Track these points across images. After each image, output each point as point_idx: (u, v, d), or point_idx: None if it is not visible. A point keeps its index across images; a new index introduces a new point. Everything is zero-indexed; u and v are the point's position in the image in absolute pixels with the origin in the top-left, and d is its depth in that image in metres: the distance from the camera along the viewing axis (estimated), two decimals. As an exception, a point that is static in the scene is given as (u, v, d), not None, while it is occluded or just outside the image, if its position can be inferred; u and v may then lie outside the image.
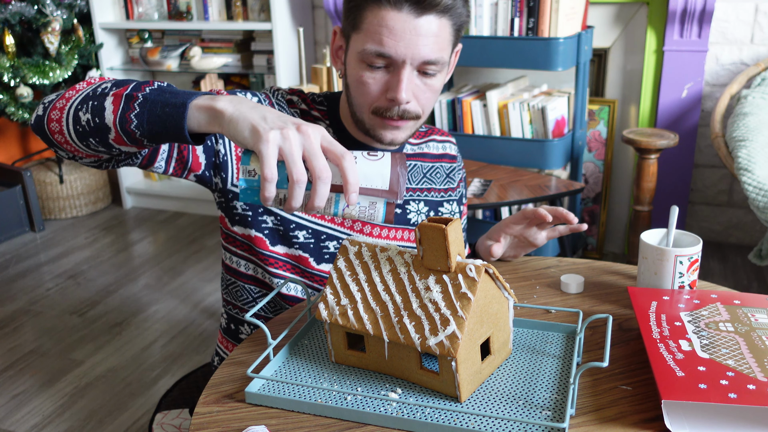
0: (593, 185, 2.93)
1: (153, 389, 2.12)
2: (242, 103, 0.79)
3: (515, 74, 2.88)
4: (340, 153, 0.76)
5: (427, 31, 1.00)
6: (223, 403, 0.83)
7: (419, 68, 1.03)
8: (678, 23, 2.61)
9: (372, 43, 1.00)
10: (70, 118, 0.87)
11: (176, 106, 0.81)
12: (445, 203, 1.26)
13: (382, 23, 0.99)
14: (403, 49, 0.99)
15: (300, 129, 0.75)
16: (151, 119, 0.82)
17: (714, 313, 0.91)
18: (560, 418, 0.76)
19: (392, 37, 0.99)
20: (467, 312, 0.77)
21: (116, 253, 3.13)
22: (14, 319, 2.56)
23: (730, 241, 2.93)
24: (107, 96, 0.85)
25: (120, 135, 0.84)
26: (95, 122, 0.85)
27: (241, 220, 1.13)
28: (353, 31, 1.04)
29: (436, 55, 1.02)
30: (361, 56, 1.02)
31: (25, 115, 3.16)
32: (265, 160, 0.73)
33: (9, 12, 3.06)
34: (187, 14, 3.35)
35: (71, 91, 0.91)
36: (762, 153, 2.19)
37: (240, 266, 1.18)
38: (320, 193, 0.75)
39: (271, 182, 0.74)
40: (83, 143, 0.88)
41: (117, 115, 0.83)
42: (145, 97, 0.82)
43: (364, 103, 1.06)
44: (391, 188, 0.78)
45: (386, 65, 1.02)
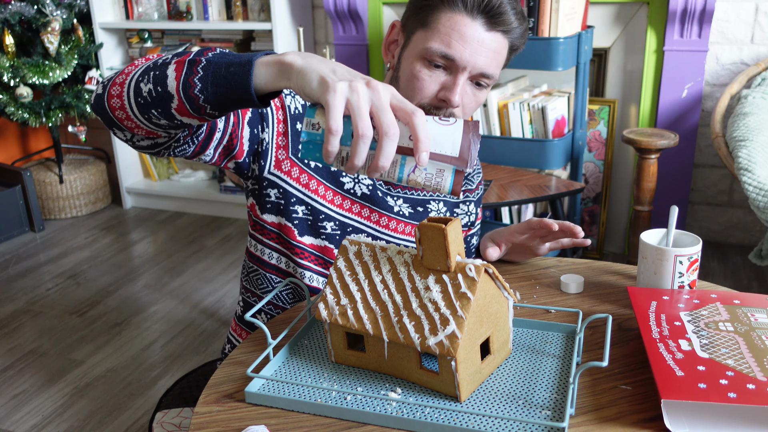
0: (593, 185, 2.93)
1: (153, 389, 2.12)
2: (311, 57, 0.77)
3: (515, 74, 2.88)
4: (411, 110, 0.72)
5: (490, 45, 1.05)
6: (223, 402, 0.83)
7: (473, 77, 1.07)
8: (678, 23, 2.61)
9: (441, 43, 1.04)
10: (131, 91, 0.85)
11: (241, 64, 0.78)
12: (462, 204, 1.27)
13: (455, 27, 1.03)
14: (468, 56, 1.04)
15: (370, 84, 0.72)
16: (215, 81, 0.79)
17: (714, 312, 0.91)
18: (560, 417, 0.76)
19: (461, 42, 1.03)
20: (467, 312, 0.77)
21: (116, 253, 3.13)
22: (14, 319, 2.56)
23: (730, 241, 2.93)
24: (169, 64, 0.83)
25: (183, 102, 0.82)
26: (158, 91, 0.83)
27: (273, 207, 1.13)
28: (421, 27, 1.07)
29: (492, 70, 1.07)
30: (424, 53, 1.06)
31: (24, 115, 3.16)
32: (332, 110, 0.70)
33: (9, 12, 3.06)
34: (187, 14, 3.35)
35: (131, 67, 0.89)
36: (762, 153, 2.19)
37: (264, 254, 1.18)
38: (386, 151, 0.71)
39: (335, 135, 0.70)
40: (144, 116, 0.86)
41: (180, 80, 0.81)
42: (208, 60, 0.80)
43: (414, 98, 1.08)
44: (461, 155, 0.73)
45: (445, 67, 1.06)
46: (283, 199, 1.12)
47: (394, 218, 1.18)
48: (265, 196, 1.13)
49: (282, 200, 1.12)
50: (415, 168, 0.74)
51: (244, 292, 1.26)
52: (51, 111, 3.24)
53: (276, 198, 1.12)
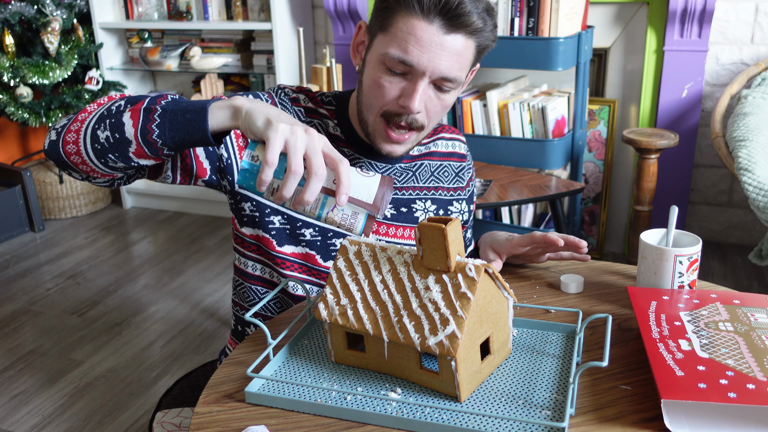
0: (593, 185, 2.93)
1: (153, 389, 2.12)
2: (257, 102, 0.87)
3: (515, 74, 2.88)
4: (339, 158, 0.82)
5: (451, 48, 1.01)
6: (223, 402, 0.83)
7: (436, 82, 1.04)
8: (678, 23, 2.61)
9: (397, 49, 1.01)
10: (88, 138, 0.92)
11: (197, 111, 0.87)
12: (455, 202, 1.26)
13: (411, 32, 0.99)
14: (426, 62, 1.00)
15: (308, 131, 0.82)
16: (173, 126, 0.88)
17: (713, 312, 0.91)
18: (560, 417, 0.76)
19: (418, 47, 1.00)
20: (467, 312, 0.77)
21: (116, 253, 3.13)
22: (14, 319, 2.56)
23: (730, 241, 2.93)
24: (124, 112, 0.90)
25: (141, 146, 0.89)
26: (115, 137, 0.90)
27: (249, 221, 1.14)
28: (380, 31, 1.04)
29: (455, 73, 1.03)
30: (382, 59, 1.03)
31: (24, 115, 3.16)
32: (270, 145, 0.80)
33: (9, 12, 3.06)
34: (187, 14, 3.35)
35: (83, 114, 0.95)
36: (762, 153, 2.19)
37: (248, 267, 1.19)
38: (312, 188, 0.81)
39: (271, 167, 0.80)
40: (101, 161, 0.93)
41: (138, 127, 0.88)
42: (164, 108, 0.88)
43: (375, 104, 1.06)
44: (374, 203, 0.85)
45: (405, 72, 1.03)
46: (258, 211, 1.13)
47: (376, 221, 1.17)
48: (241, 210, 1.14)
49: (256, 212, 1.13)
50: (335, 207, 0.85)
51: (234, 306, 1.26)
52: (51, 111, 3.24)
53: (250, 211, 1.13)
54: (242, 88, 3.48)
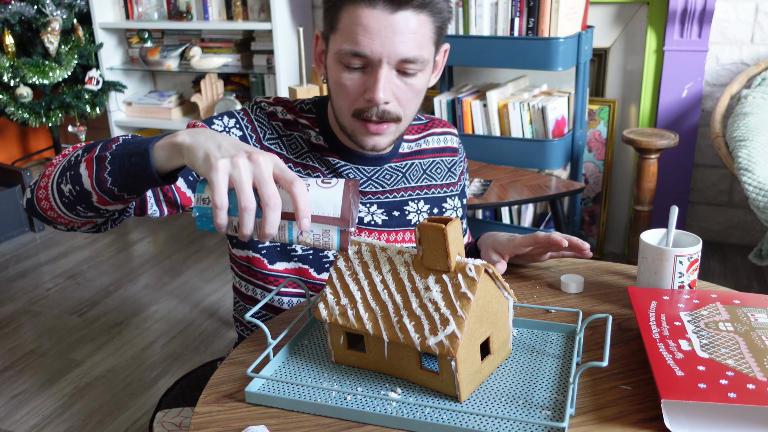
0: (593, 185, 2.93)
1: (153, 389, 2.12)
2: (200, 133, 0.81)
3: (515, 74, 2.88)
4: (290, 179, 0.76)
5: (403, 27, 0.96)
6: (223, 402, 0.83)
7: (398, 67, 0.99)
8: (678, 23, 2.61)
9: (347, 42, 0.98)
10: (55, 193, 0.91)
11: (140, 153, 0.83)
12: (448, 199, 1.23)
13: (357, 21, 0.96)
14: (379, 47, 0.96)
15: (251, 157, 0.76)
16: (122, 173, 0.84)
17: (714, 312, 0.91)
18: (560, 417, 0.76)
19: (367, 35, 0.96)
20: (467, 312, 0.77)
21: (116, 253, 3.13)
22: (14, 319, 2.56)
23: (730, 241, 2.93)
24: (80, 163, 0.88)
25: (101, 196, 0.87)
26: (77, 190, 0.88)
27: (238, 242, 1.13)
28: (331, 32, 1.02)
29: (414, 52, 0.98)
30: (338, 57, 1.00)
31: (24, 115, 3.16)
32: (215, 187, 0.75)
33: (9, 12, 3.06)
34: (187, 14, 3.35)
35: (50, 168, 0.94)
36: (762, 153, 2.19)
37: (241, 287, 1.18)
38: (270, 220, 0.75)
39: (221, 209, 0.75)
40: (73, 213, 0.91)
41: (93, 177, 0.86)
42: (112, 155, 0.85)
43: (344, 105, 1.04)
44: (342, 216, 0.78)
45: (364, 65, 1.00)
46: None
47: (365, 229, 1.14)
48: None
49: None
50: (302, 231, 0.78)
51: (235, 322, 1.27)
52: (51, 111, 3.24)
53: None
54: (242, 88, 3.48)
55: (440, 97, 2.65)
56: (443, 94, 2.72)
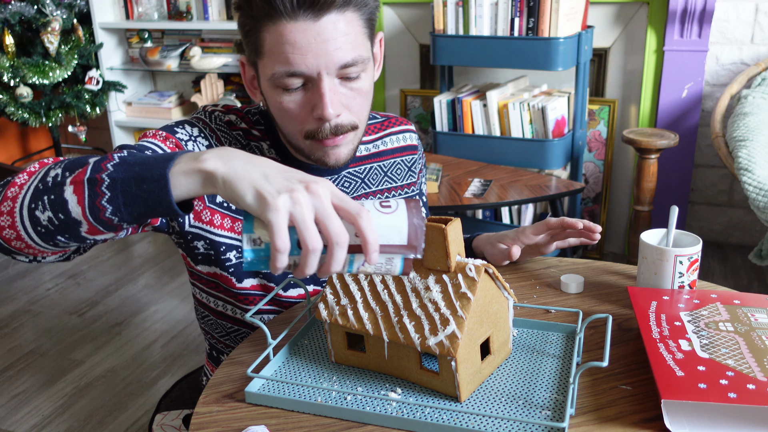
0: (593, 185, 2.93)
1: (153, 389, 2.12)
2: (232, 158, 0.70)
3: (515, 74, 2.88)
4: (356, 211, 0.66)
5: (333, 32, 0.90)
6: (223, 402, 0.83)
7: (339, 75, 0.93)
8: (678, 23, 2.61)
9: (279, 64, 0.91)
10: (26, 221, 0.75)
11: (154, 180, 0.70)
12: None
13: (282, 40, 0.89)
14: (314, 60, 0.90)
15: (309, 188, 0.66)
16: (128, 201, 0.71)
17: (714, 312, 0.91)
18: (560, 417, 0.76)
19: (297, 51, 0.89)
20: (467, 312, 0.77)
21: (116, 253, 3.13)
22: (14, 319, 2.56)
23: (730, 241, 2.93)
24: (64, 185, 0.73)
25: (94, 226, 0.74)
26: (59, 218, 0.73)
27: (204, 258, 1.05)
28: (257, 58, 0.95)
29: (352, 55, 0.92)
30: (273, 82, 0.93)
31: (24, 115, 3.16)
32: (276, 230, 0.64)
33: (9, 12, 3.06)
34: (187, 14, 3.35)
35: (13, 188, 0.78)
36: (762, 153, 2.19)
37: (210, 302, 1.11)
38: (337, 258, 0.66)
39: (283, 253, 0.65)
40: (50, 243, 0.77)
41: (85, 205, 0.72)
42: (112, 178, 0.71)
43: (294, 129, 0.97)
44: (409, 243, 0.69)
45: (303, 83, 0.93)
46: (212, 249, 1.03)
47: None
48: (194, 248, 1.04)
49: (211, 250, 1.04)
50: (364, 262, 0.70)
51: (205, 334, 1.19)
52: (51, 111, 3.24)
53: (205, 249, 1.04)
54: (242, 88, 3.48)
55: (440, 97, 2.65)
56: (443, 94, 2.72)
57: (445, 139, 2.64)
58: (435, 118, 2.67)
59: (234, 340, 1.14)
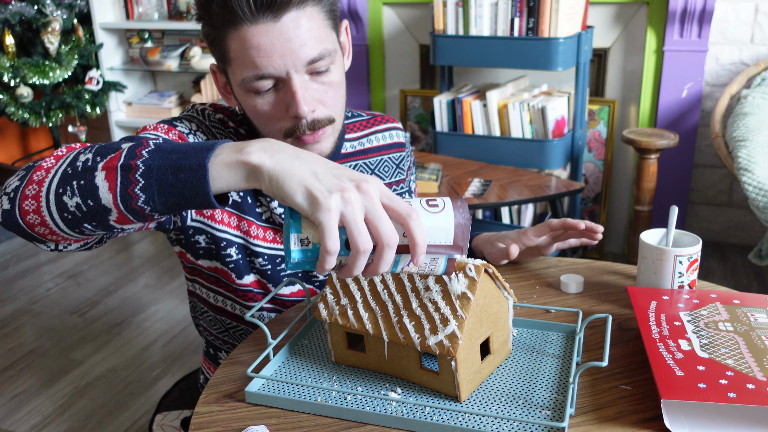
0: (593, 185, 2.93)
1: (153, 389, 2.12)
2: (278, 151, 0.68)
3: (515, 74, 2.88)
4: (406, 212, 0.65)
5: (295, 30, 0.90)
6: (223, 402, 0.83)
7: (308, 71, 0.93)
8: (678, 23, 2.61)
9: (246, 69, 0.91)
10: (53, 206, 0.73)
11: (192, 169, 0.68)
12: (404, 195, 1.21)
13: (246, 45, 0.90)
14: (280, 61, 0.90)
15: (360, 188, 0.65)
16: (163, 191, 0.69)
17: (713, 312, 0.91)
18: (560, 417, 0.76)
19: (262, 54, 0.89)
20: (467, 312, 0.77)
21: (116, 253, 3.13)
22: (14, 319, 2.56)
23: (730, 241, 2.93)
24: (96, 171, 0.71)
25: (124, 215, 0.72)
26: (89, 205, 0.72)
27: (206, 253, 1.05)
28: (226, 65, 0.96)
29: (318, 50, 0.92)
30: (244, 86, 0.94)
31: (25, 115, 3.16)
32: (328, 231, 0.63)
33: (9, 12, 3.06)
34: (187, 14, 3.35)
35: (39, 172, 0.76)
36: (762, 153, 2.19)
37: (210, 298, 1.11)
38: (386, 260, 0.65)
39: (333, 255, 0.64)
40: (75, 231, 0.75)
41: (117, 192, 0.70)
42: (147, 165, 0.69)
43: (272, 130, 0.98)
44: (455, 243, 0.69)
45: (274, 84, 0.93)
46: (213, 243, 1.04)
47: None
48: (195, 243, 1.04)
49: (213, 245, 1.04)
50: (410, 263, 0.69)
51: (203, 331, 1.19)
52: (51, 111, 3.24)
53: (206, 243, 1.04)
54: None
55: (440, 97, 2.65)
56: (443, 94, 2.72)
57: (445, 139, 2.64)
58: (435, 118, 2.67)
59: (233, 336, 1.14)
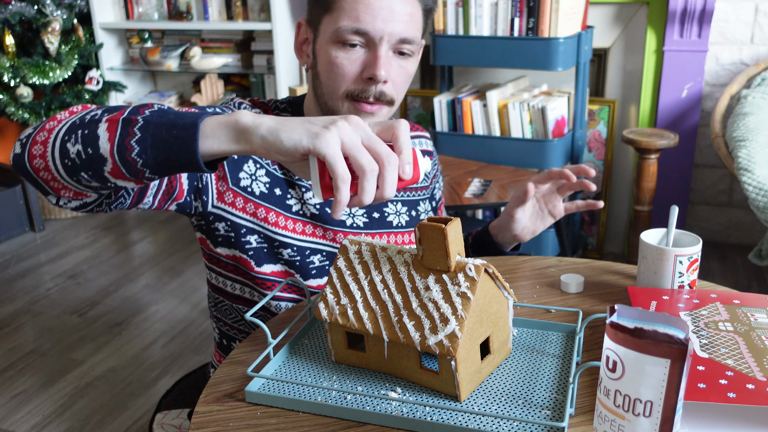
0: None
1: (153, 389, 2.12)
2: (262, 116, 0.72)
3: (515, 74, 2.88)
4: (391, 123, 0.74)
5: (401, 9, 0.99)
6: (223, 402, 0.83)
7: (396, 48, 1.01)
8: (678, 23, 2.61)
9: (348, 20, 0.98)
10: (56, 152, 0.78)
11: (185, 127, 0.72)
12: (421, 202, 1.23)
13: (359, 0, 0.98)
14: (381, 25, 0.98)
15: (349, 120, 0.71)
16: (155, 144, 0.72)
17: (713, 312, 0.91)
18: (560, 417, 0.76)
19: (369, 12, 0.97)
20: (467, 311, 0.77)
21: (116, 253, 3.13)
22: (14, 319, 2.56)
23: (730, 241, 2.93)
24: (100, 122, 0.76)
25: (117, 166, 0.75)
26: (87, 153, 0.75)
27: (224, 241, 1.08)
28: (325, 13, 1.01)
29: (412, 33, 1.01)
30: (336, 35, 0.99)
31: (25, 115, 3.16)
32: (335, 160, 0.68)
33: (9, 12, 3.06)
34: (187, 14, 3.35)
35: (52, 122, 0.81)
36: (762, 153, 2.19)
37: (227, 286, 1.14)
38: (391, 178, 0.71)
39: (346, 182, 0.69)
40: (73, 179, 0.79)
41: (114, 142, 0.74)
42: (146, 120, 0.73)
43: (338, 87, 1.02)
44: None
45: (362, 44, 1.00)
46: (233, 231, 1.07)
47: (349, 232, 1.13)
48: (214, 230, 1.08)
49: (232, 232, 1.07)
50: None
51: (216, 321, 1.21)
52: (51, 111, 3.24)
53: (225, 231, 1.07)
54: (242, 89, 3.48)
55: (440, 97, 2.65)
56: (443, 94, 2.72)
57: (445, 139, 2.64)
58: (435, 118, 2.67)
59: (248, 326, 1.16)
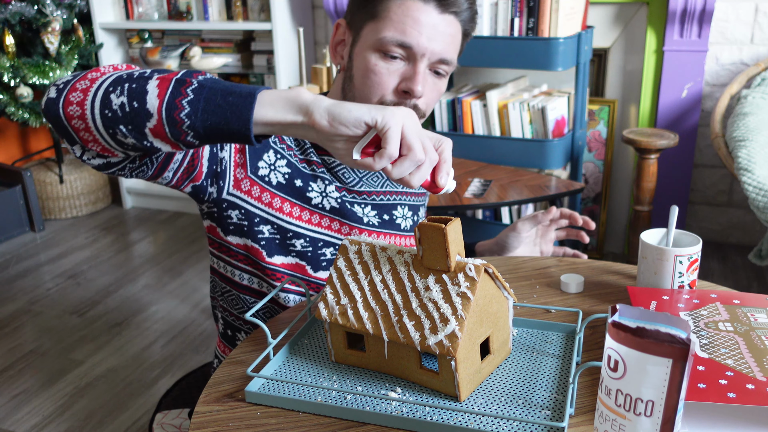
0: (593, 185, 2.93)
1: (153, 389, 2.12)
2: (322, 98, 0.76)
3: (515, 74, 2.88)
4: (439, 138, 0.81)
5: (445, 29, 1.01)
6: (223, 402, 0.83)
7: (433, 66, 1.03)
8: (678, 23, 2.61)
9: (395, 31, 1.00)
10: (97, 101, 0.78)
11: (242, 95, 0.74)
12: (421, 208, 1.26)
13: (408, 13, 0.99)
14: (426, 42, 1.00)
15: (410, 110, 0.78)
16: (207, 108, 0.74)
17: (713, 312, 0.91)
18: (560, 417, 0.76)
19: (416, 27, 0.99)
20: (467, 311, 0.77)
21: (116, 253, 3.13)
22: (14, 319, 2.56)
23: (730, 241, 2.93)
24: (150, 79, 0.77)
25: (162, 123, 0.75)
26: (133, 106, 0.76)
27: (236, 229, 1.08)
28: (370, 20, 1.02)
29: (451, 54, 1.03)
30: (378, 44, 1.01)
31: (25, 115, 3.16)
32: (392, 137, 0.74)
33: (9, 12, 3.06)
34: (187, 14, 3.35)
35: (95, 72, 0.82)
36: (762, 153, 2.19)
37: (235, 276, 1.13)
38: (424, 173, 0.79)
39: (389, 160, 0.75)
40: (108, 131, 0.79)
41: (164, 99, 0.75)
42: (200, 84, 0.75)
43: (373, 94, 1.03)
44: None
45: (402, 57, 1.02)
46: (246, 219, 1.07)
47: (365, 229, 1.14)
48: (227, 218, 1.07)
49: (245, 221, 1.07)
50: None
51: (222, 311, 1.20)
52: (51, 111, 3.24)
53: (238, 219, 1.07)
54: (242, 88, 3.48)
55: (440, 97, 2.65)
56: (443, 94, 2.72)
57: (445, 139, 2.63)
58: (435, 118, 2.67)
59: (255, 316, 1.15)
